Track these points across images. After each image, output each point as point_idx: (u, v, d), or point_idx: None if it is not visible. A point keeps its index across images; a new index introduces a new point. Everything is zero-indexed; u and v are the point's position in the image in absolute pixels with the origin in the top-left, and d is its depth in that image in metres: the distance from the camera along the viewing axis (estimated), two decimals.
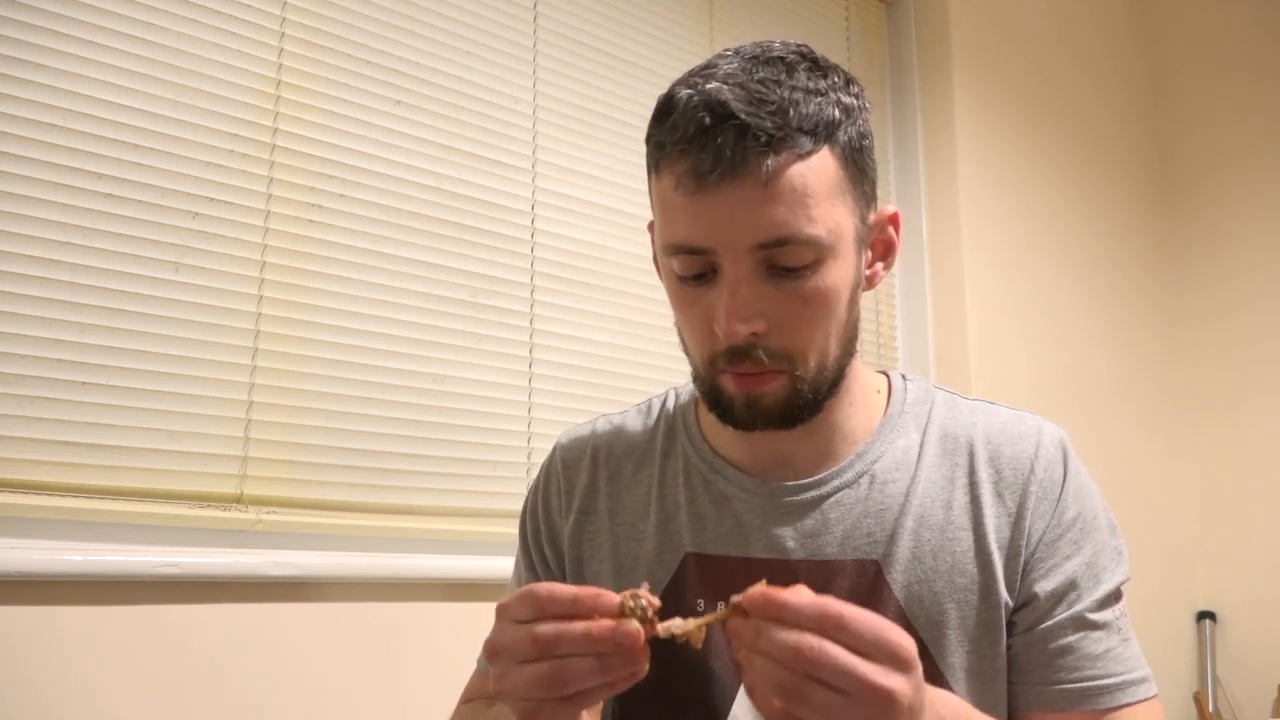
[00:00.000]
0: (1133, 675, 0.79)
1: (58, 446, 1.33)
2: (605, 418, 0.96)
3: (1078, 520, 0.82)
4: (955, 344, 2.37)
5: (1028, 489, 0.82)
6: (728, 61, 0.75)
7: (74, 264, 1.36)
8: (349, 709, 1.47)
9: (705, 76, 0.74)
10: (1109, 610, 0.81)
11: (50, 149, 1.35)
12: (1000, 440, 0.84)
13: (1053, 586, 0.80)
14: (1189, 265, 2.93)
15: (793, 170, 0.71)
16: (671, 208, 0.75)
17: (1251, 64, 2.88)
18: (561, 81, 1.91)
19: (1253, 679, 2.64)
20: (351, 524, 1.55)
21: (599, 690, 0.62)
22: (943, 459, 0.84)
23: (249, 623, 1.41)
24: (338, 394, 1.57)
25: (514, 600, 0.64)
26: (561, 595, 0.62)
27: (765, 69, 0.73)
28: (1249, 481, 2.74)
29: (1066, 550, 0.81)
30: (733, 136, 0.70)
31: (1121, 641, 0.80)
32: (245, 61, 1.54)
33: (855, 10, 2.51)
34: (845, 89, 0.76)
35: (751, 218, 0.71)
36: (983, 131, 2.51)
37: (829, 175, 0.73)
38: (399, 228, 1.66)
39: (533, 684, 0.61)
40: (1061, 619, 0.79)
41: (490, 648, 0.64)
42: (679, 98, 0.73)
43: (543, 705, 0.63)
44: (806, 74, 0.74)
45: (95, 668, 1.28)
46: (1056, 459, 0.83)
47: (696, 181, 0.72)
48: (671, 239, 0.75)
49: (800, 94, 0.72)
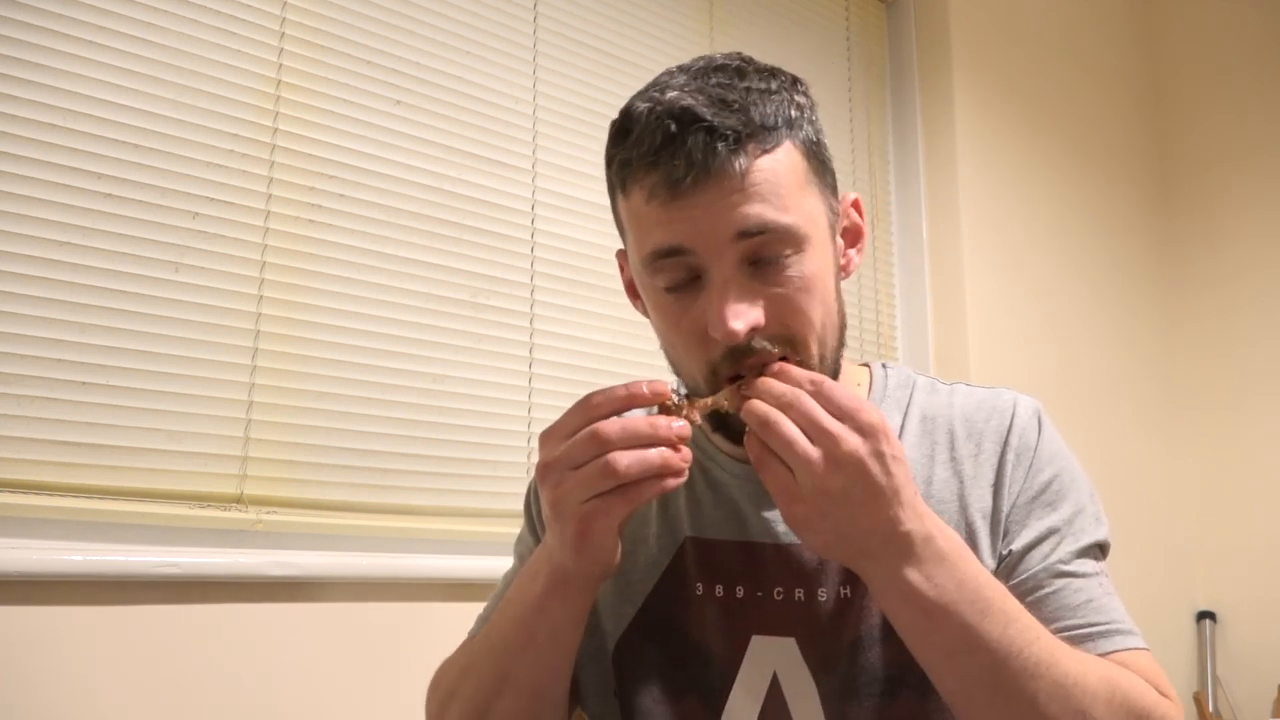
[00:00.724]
0: (1117, 625, 0.78)
1: (58, 446, 1.33)
2: None
3: (1053, 482, 0.83)
4: (955, 344, 2.37)
5: (1004, 456, 0.84)
6: (674, 77, 0.77)
7: (74, 264, 1.36)
8: (349, 709, 1.47)
9: (660, 89, 0.75)
10: (1087, 562, 0.81)
11: (50, 149, 1.35)
12: (977, 416, 0.86)
13: (1027, 540, 0.81)
14: (1189, 265, 2.93)
15: (762, 164, 0.73)
16: (646, 221, 0.75)
17: (1251, 64, 2.88)
18: (561, 81, 1.91)
19: (1253, 679, 2.64)
20: (351, 524, 1.55)
21: (649, 484, 0.67)
22: (923, 438, 0.86)
23: (249, 623, 1.41)
24: (338, 394, 1.57)
25: (561, 417, 0.70)
26: (609, 393, 0.69)
27: (717, 75, 0.75)
28: (1249, 481, 2.74)
29: (1041, 510, 0.82)
30: (702, 139, 0.71)
31: (1104, 594, 0.80)
32: (245, 61, 1.54)
33: (855, 10, 2.51)
34: (793, 88, 0.78)
35: (728, 213, 0.72)
36: (983, 131, 2.51)
37: (796, 167, 0.75)
38: (399, 228, 1.66)
39: (587, 481, 0.66)
40: (1037, 570, 0.80)
41: (541, 466, 0.69)
42: (638, 112, 0.74)
43: (596, 507, 0.67)
44: (756, 77, 0.76)
45: (95, 668, 1.28)
46: (1031, 426, 0.85)
47: (670, 189, 0.72)
48: (650, 248, 0.75)
49: (756, 94, 0.74)
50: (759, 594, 0.83)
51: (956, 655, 0.69)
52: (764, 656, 0.82)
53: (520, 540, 0.99)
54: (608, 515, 0.68)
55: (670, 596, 0.86)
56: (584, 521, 0.68)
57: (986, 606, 0.70)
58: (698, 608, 0.85)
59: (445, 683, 0.86)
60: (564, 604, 0.75)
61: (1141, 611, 0.83)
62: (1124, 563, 0.95)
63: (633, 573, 0.87)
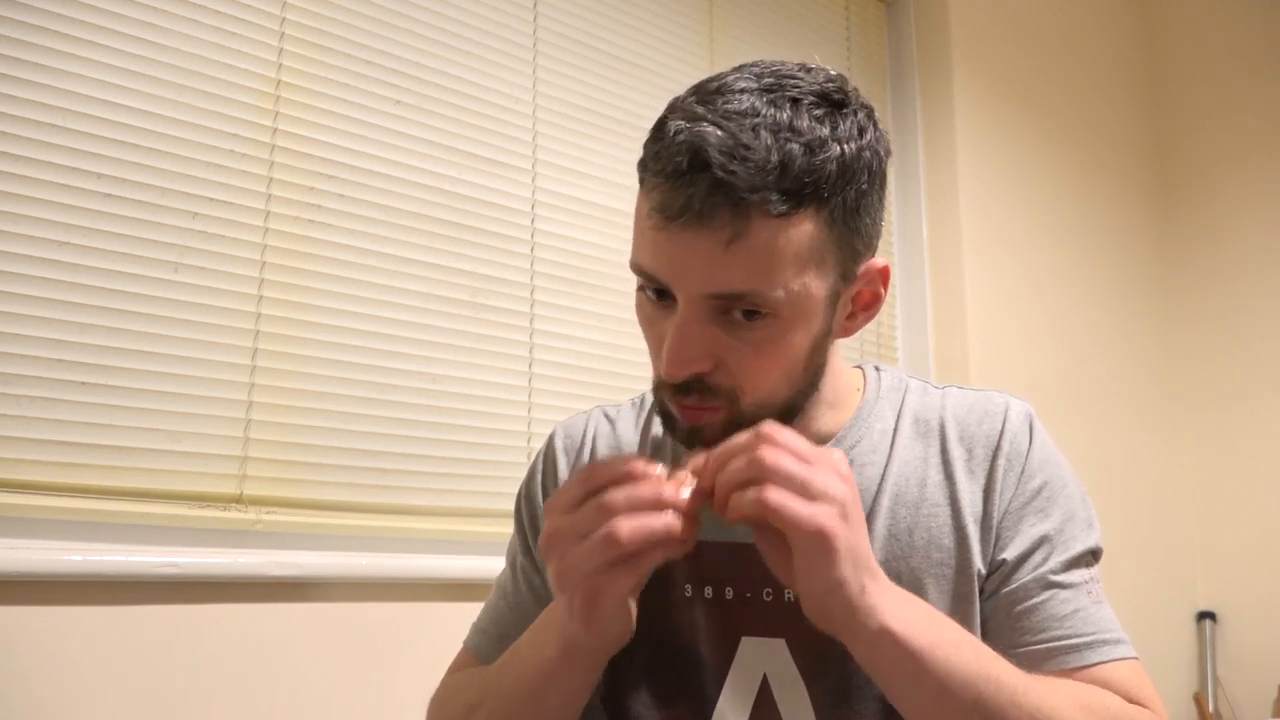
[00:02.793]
0: (1104, 635, 0.79)
1: (58, 446, 1.33)
2: (600, 408, 0.98)
3: (1044, 489, 0.83)
4: (955, 344, 2.37)
5: (995, 461, 0.83)
6: (739, 92, 0.71)
7: (74, 264, 1.36)
8: (349, 709, 1.47)
9: (706, 105, 0.70)
10: (1077, 572, 0.81)
11: (50, 149, 1.35)
12: (969, 419, 0.86)
13: (1020, 550, 0.80)
14: (1189, 265, 2.93)
15: (762, 233, 0.69)
16: (641, 228, 0.74)
17: (1251, 64, 2.88)
18: (561, 81, 1.91)
19: (1253, 679, 2.64)
20: (351, 524, 1.55)
21: (655, 551, 0.65)
22: (916, 440, 0.86)
23: (249, 623, 1.41)
24: (338, 394, 1.57)
25: (562, 489, 0.68)
26: (610, 465, 0.67)
27: (770, 110, 0.69)
28: (1249, 481, 2.74)
29: (1032, 518, 0.82)
30: (704, 187, 0.68)
31: (1093, 604, 0.80)
32: (245, 61, 1.54)
33: (855, 10, 2.51)
34: (858, 137, 0.72)
35: (709, 270, 0.70)
36: (983, 131, 2.51)
37: (804, 239, 0.70)
38: (399, 228, 1.66)
39: (591, 552, 0.65)
40: (1027, 580, 0.79)
41: (546, 539, 0.68)
42: (670, 127, 0.71)
43: (602, 578, 0.66)
44: (815, 122, 0.70)
45: (95, 668, 1.28)
46: (1023, 431, 0.85)
47: (664, 220, 0.70)
48: (636, 259, 0.75)
49: (797, 146, 0.69)
50: (748, 595, 0.82)
51: (946, 691, 0.69)
52: (754, 658, 0.82)
53: (511, 545, 0.98)
54: (614, 585, 0.66)
55: (659, 599, 0.84)
56: (590, 594, 0.67)
57: (959, 639, 0.71)
58: (686, 610, 0.84)
59: (449, 715, 0.87)
60: (573, 675, 0.75)
61: (1141, 611, 0.83)
62: (1124, 563, 0.95)
63: None
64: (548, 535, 0.68)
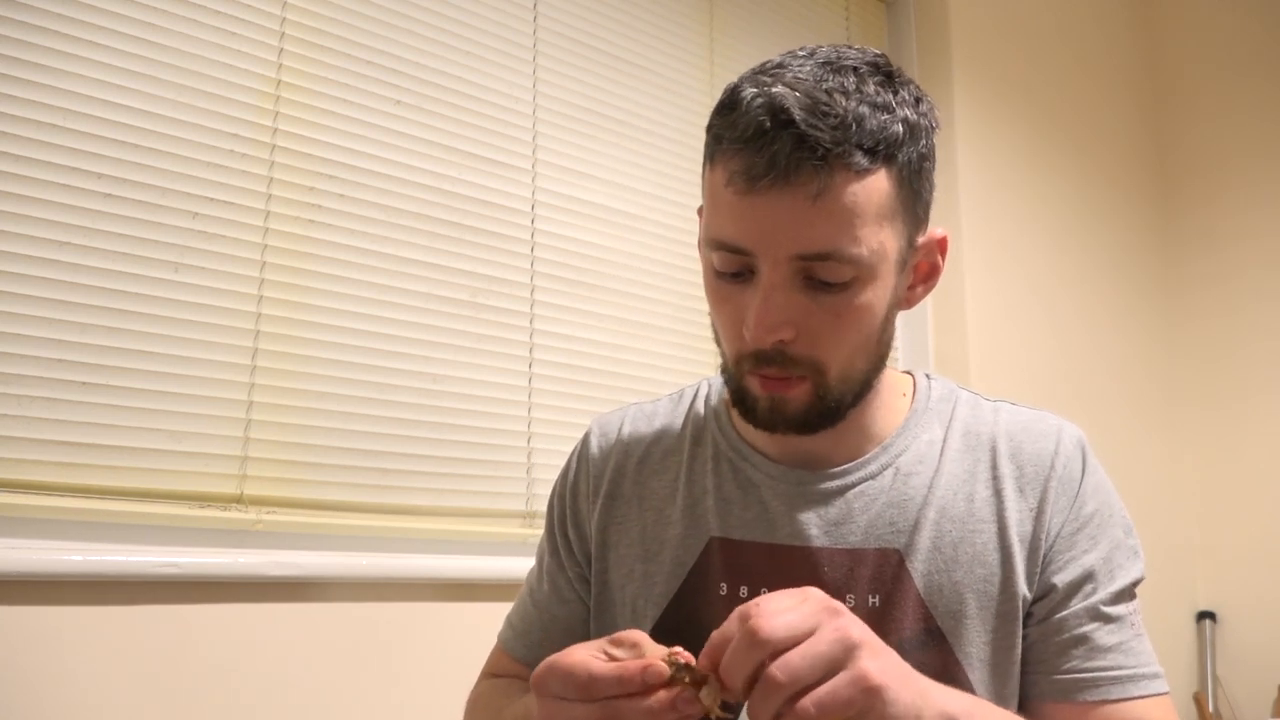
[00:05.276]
0: (1144, 670, 0.80)
1: (58, 446, 1.33)
2: (637, 405, 0.97)
3: (1095, 516, 0.83)
4: (955, 344, 2.37)
5: (1048, 484, 0.83)
6: (800, 64, 0.74)
7: (74, 264, 1.36)
8: (349, 709, 1.48)
9: (774, 76, 0.72)
10: (1123, 605, 0.82)
11: (50, 149, 1.35)
12: (1022, 438, 0.85)
13: (1070, 578, 0.81)
14: (1189, 265, 2.93)
15: (845, 187, 0.71)
16: (720, 203, 0.75)
17: (1251, 64, 2.88)
18: (561, 81, 1.91)
19: (1253, 679, 2.64)
20: (351, 524, 1.56)
21: None
22: (965, 454, 0.85)
23: (249, 623, 1.41)
24: (338, 394, 1.57)
25: (550, 678, 0.64)
26: (605, 677, 0.62)
27: (835, 77, 0.72)
28: (1249, 481, 2.74)
29: (1084, 544, 0.82)
30: (789, 144, 0.69)
31: (1135, 637, 0.81)
32: (245, 61, 1.54)
33: (855, 10, 2.51)
34: (914, 106, 0.75)
35: (796, 228, 0.71)
36: (982, 131, 2.51)
37: (881, 196, 0.72)
38: (399, 228, 1.66)
39: None
40: (1077, 609, 0.80)
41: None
42: (744, 94, 0.72)
43: None
44: (878, 87, 0.73)
45: (95, 668, 1.28)
46: (1075, 456, 0.85)
47: (748, 183, 0.71)
48: (715, 234, 0.75)
49: (867, 108, 0.71)
50: None
51: None
52: None
53: (541, 543, 0.99)
54: None
55: (694, 596, 0.85)
56: None
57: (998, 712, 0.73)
58: (722, 608, 0.83)
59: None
60: None
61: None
62: None
63: (656, 575, 0.87)
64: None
